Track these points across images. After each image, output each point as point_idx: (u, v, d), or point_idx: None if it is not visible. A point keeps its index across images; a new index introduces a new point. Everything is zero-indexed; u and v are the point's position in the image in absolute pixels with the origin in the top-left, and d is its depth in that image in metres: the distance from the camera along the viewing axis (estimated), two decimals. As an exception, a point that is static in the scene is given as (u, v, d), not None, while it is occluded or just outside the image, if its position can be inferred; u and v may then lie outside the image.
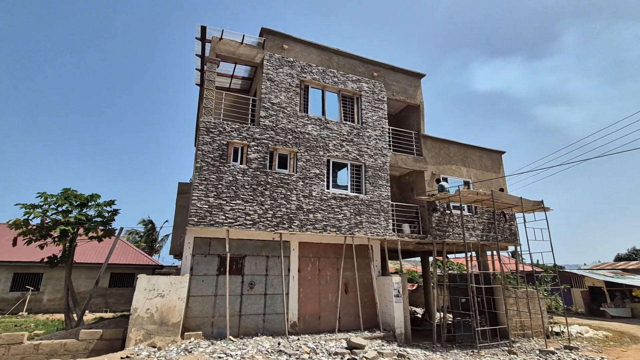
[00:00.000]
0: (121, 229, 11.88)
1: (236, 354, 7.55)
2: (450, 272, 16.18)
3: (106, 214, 12.74)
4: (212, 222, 9.73)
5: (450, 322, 13.09)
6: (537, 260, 36.85)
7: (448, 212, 13.38)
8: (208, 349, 7.78)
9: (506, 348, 10.92)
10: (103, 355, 7.25)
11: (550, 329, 13.85)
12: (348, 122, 12.70)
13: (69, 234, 12.04)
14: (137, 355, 7.27)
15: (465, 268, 12.70)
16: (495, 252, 14.20)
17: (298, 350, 8.37)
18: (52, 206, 11.92)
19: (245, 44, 11.88)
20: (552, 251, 12.59)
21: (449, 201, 12.80)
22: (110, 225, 12.11)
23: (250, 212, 10.23)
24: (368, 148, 12.65)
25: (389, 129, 13.76)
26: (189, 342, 8.37)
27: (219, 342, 8.80)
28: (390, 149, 13.40)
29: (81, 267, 19.50)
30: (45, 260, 12.24)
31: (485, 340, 11.53)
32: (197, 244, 10.01)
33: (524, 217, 13.02)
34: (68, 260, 12.17)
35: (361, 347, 8.79)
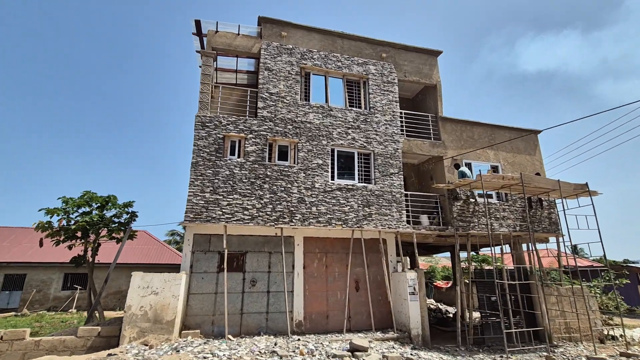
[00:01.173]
0: (129, 228, 12.04)
1: (224, 354, 7.16)
2: (477, 267, 14.66)
3: (125, 215, 13.12)
4: (208, 218, 9.48)
5: (479, 322, 11.74)
6: (581, 252, 32.85)
7: (472, 200, 12.02)
8: (197, 348, 7.49)
9: (544, 353, 9.48)
10: (91, 354, 7.23)
11: (605, 332, 11.94)
12: (354, 109, 11.88)
13: (89, 234, 12.54)
14: (126, 353, 7.15)
15: (502, 262, 11.27)
16: (533, 244, 12.53)
17: (294, 351, 7.80)
18: (74, 208, 12.49)
19: (242, 35, 11.55)
20: (602, 242, 10.79)
21: (470, 188, 11.49)
22: (130, 227, 12.39)
23: (249, 207, 9.84)
24: (377, 134, 11.73)
25: (401, 113, 12.70)
26: (184, 341, 8.16)
27: (215, 341, 8.50)
28: (402, 134, 12.34)
29: (123, 267, 20.50)
30: (71, 260, 12.86)
31: (520, 343, 10.13)
32: (197, 240, 9.83)
33: (563, 203, 11.33)
34: (89, 261, 12.68)
35: (364, 349, 8.00)
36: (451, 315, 16.18)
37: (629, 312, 18.56)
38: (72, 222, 12.23)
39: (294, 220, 10.09)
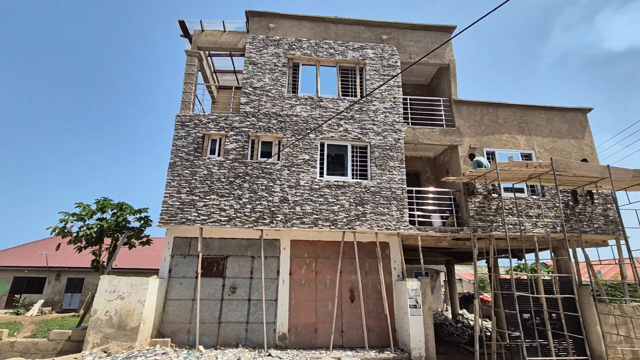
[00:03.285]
0: (126, 234, 12.17)
1: (171, 368, 6.49)
2: (502, 276, 12.16)
3: (138, 222, 13.44)
4: (183, 219, 9.04)
5: (506, 345, 9.55)
6: None
7: (495, 195, 9.99)
8: (151, 359, 6.92)
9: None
10: (57, 357, 7.08)
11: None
12: (348, 97, 10.71)
13: (103, 239, 13.04)
14: (82, 359, 6.86)
15: (551, 269, 9.12)
16: (582, 249, 9.99)
17: (256, 368, 6.84)
18: (89, 214, 13.11)
19: (229, 32, 11.18)
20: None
21: (486, 180, 9.51)
22: (143, 232, 12.63)
23: (226, 207, 9.21)
24: (374, 124, 10.40)
25: (404, 99, 11.21)
26: (147, 350, 7.68)
27: (184, 351, 7.90)
28: (405, 122, 10.81)
29: (140, 273, 21.43)
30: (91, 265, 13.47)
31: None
32: (176, 244, 9.45)
33: (614, 196, 8.82)
34: (104, 265, 13.14)
35: (336, 371, 6.74)
36: (488, 333, 13.74)
37: None
38: (85, 227, 12.82)
39: (274, 221, 9.20)
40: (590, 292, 9.16)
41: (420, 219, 10.04)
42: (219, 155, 9.77)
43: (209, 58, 12.52)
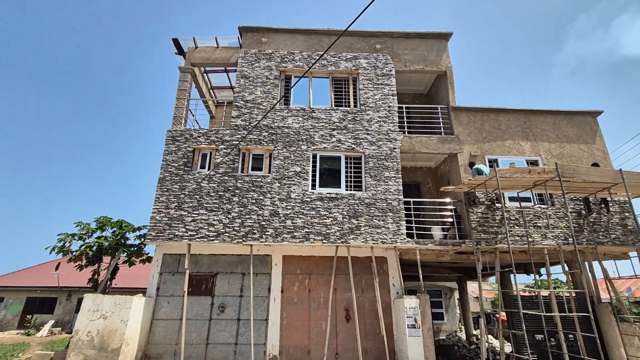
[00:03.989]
0: (119, 253, 12.04)
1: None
2: (508, 292, 11.26)
3: (138, 240, 13.36)
4: (170, 235, 8.82)
5: (518, 370, 8.68)
6: None
7: (498, 205, 9.36)
8: (125, 383, 6.55)
9: None
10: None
11: None
12: (341, 108, 10.47)
13: (102, 257, 12.97)
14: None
15: (549, 286, 8.37)
16: (595, 262, 9.15)
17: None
18: (89, 233, 13.12)
19: (222, 47, 11.26)
20: None
21: (486, 189, 8.93)
22: (120, 250, 12.51)
23: (215, 222, 8.96)
24: (368, 134, 10.06)
25: (400, 107, 10.87)
26: (127, 373, 7.32)
27: (166, 375, 7.50)
28: (401, 131, 10.42)
29: (145, 291, 21.19)
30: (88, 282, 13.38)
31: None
32: (165, 261, 9.21)
33: (630, 203, 8.08)
34: (105, 283, 13.02)
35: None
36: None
37: None
38: (84, 246, 12.80)
39: (264, 236, 8.86)
40: (611, 311, 8.28)
41: (419, 232, 9.48)
42: (209, 169, 9.61)
43: (205, 75, 12.63)
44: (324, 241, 8.87)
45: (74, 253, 12.57)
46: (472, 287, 25.94)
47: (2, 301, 23.84)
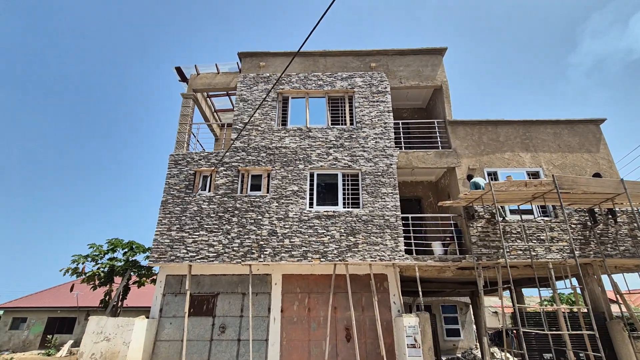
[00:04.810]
0: (127, 274, 12.37)
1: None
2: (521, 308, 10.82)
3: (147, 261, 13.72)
4: (172, 257, 9.06)
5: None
6: None
7: (499, 219, 9.19)
8: (124, 406, 6.68)
9: None
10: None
11: None
12: (338, 126, 10.64)
13: (113, 278, 13.36)
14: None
15: (577, 301, 8.08)
16: (608, 275, 8.77)
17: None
18: (101, 255, 13.58)
19: (222, 73, 11.72)
20: None
21: (482, 202, 8.79)
22: (129, 270, 12.85)
23: (214, 243, 9.15)
24: (365, 151, 10.16)
25: (396, 123, 10.96)
26: (128, 395, 7.46)
27: (166, 397, 7.60)
28: (397, 147, 10.47)
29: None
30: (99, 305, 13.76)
31: None
32: (168, 282, 9.43)
33: (634, 213, 7.80)
34: (116, 304, 13.36)
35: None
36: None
37: None
38: (97, 267, 13.24)
39: (262, 256, 8.97)
40: (623, 327, 7.90)
41: (419, 248, 9.39)
42: (209, 190, 9.89)
43: (208, 99, 13.12)
44: (321, 259, 8.90)
45: (87, 274, 13.02)
46: (491, 301, 25.05)
47: (25, 322, 24.61)
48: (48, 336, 23.54)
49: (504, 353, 10.84)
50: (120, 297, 13.52)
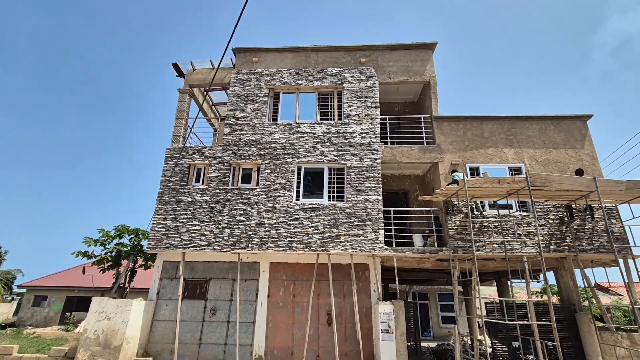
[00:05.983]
0: (135, 256, 13.23)
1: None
2: (486, 299, 11.19)
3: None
4: (167, 245, 9.76)
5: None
6: None
7: (477, 213, 9.51)
8: (120, 377, 7.49)
9: None
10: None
11: None
12: (326, 121, 11.00)
13: (121, 262, 14.31)
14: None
15: (548, 293, 8.44)
16: (581, 269, 9.05)
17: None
18: (109, 240, 14.52)
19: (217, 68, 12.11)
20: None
21: (458, 197, 9.11)
22: (134, 255, 13.72)
23: (206, 232, 9.80)
24: (350, 146, 10.53)
25: (383, 118, 11.23)
26: (126, 368, 8.29)
27: (160, 370, 8.41)
28: (382, 142, 10.79)
29: None
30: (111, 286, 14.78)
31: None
32: (165, 267, 10.17)
33: (603, 211, 8.00)
34: (122, 286, 14.35)
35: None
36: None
37: None
38: (105, 251, 14.19)
39: (250, 245, 9.58)
40: (590, 319, 8.23)
41: (399, 240, 9.81)
42: (202, 183, 10.49)
43: (206, 93, 13.59)
44: (305, 249, 9.45)
45: (96, 257, 13.98)
46: (491, 290, 25.35)
47: (45, 299, 26.28)
48: (67, 313, 25.13)
49: (483, 340, 11.31)
50: (128, 279, 14.50)
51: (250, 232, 9.71)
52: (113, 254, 14.00)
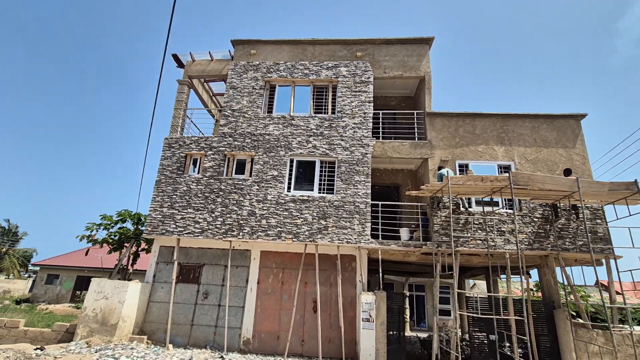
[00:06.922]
0: (134, 240, 13.82)
1: (123, 360, 7.50)
2: (468, 294, 11.40)
3: None
4: (163, 231, 10.22)
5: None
6: None
7: (463, 209, 9.68)
8: (114, 352, 8.03)
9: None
10: (50, 345, 8.57)
11: None
12: (319, 115, 11.19)
13: (124, 245, 14.96)
14: (64, 348, 8.23)
15: (528, 290, 8.65)
16: (570, 267, 9.19)
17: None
18: (112, 224, 15.15)
19: (216, 60, 12.38)
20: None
21: (442, 194, 9.27)
22: (133, 239, 14.31)
23: (200, 220, 10.22)
24: (342, 140, 10.72)
25: (376, 113, 11.36)
26: (123, 344, 8.85)
27: (154, 347, 8.95)
28: (374, 137, 10.95)
29: None
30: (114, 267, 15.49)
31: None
32: (161, 252, 10.67)
33: (583, 212, 8.08)
34: (124, 268, 15.03)
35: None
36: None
37: None
38: (108, 235, 14.84)
39: (242, 234, 9.97)
40: (567, 316, 8.41)
41: (386, 233, 10.07)
42: (198, 172, 10.86)
43: (205, 84, 13.87)
44: (294, 239, 9.80)
45: (99, 241, 14.65)
46: (483, 286, 25.52)
47: (57, 278, 27.49)
48: (77, 292, 26.29)
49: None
50: (130, 261, 15.17)
51: (242, 221, 10.08)
52: (116, 238, 14.63)
